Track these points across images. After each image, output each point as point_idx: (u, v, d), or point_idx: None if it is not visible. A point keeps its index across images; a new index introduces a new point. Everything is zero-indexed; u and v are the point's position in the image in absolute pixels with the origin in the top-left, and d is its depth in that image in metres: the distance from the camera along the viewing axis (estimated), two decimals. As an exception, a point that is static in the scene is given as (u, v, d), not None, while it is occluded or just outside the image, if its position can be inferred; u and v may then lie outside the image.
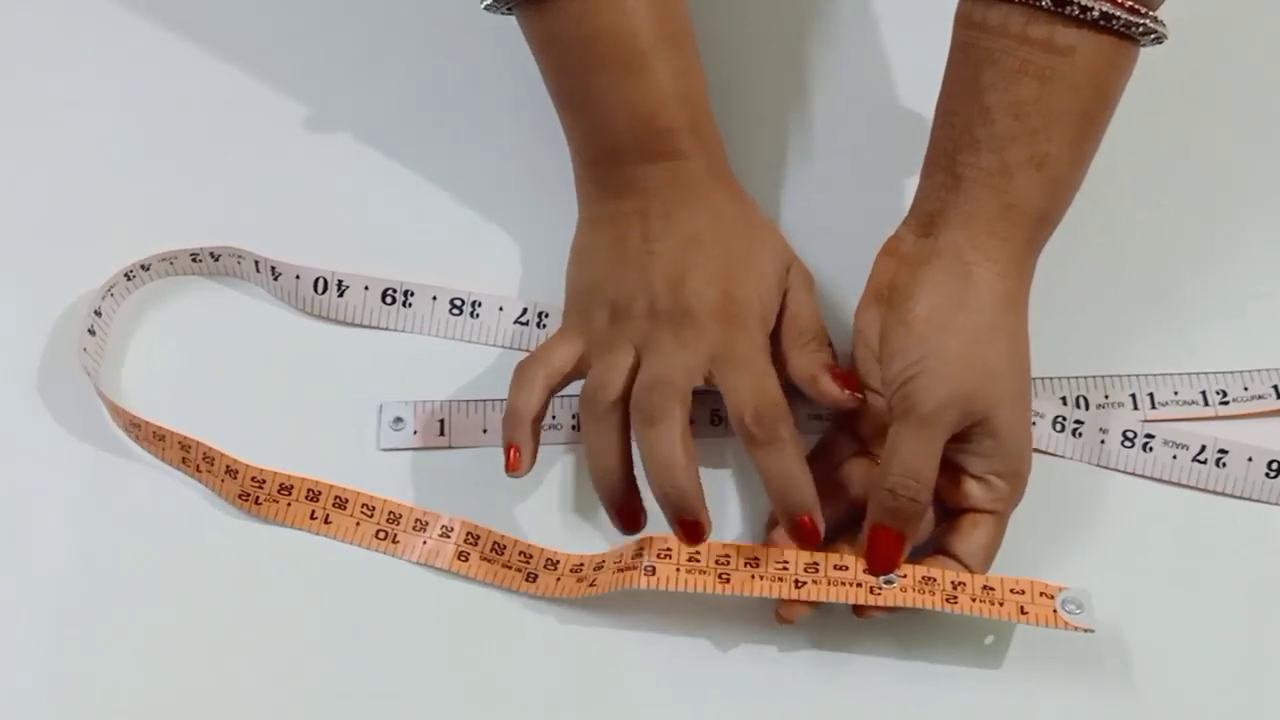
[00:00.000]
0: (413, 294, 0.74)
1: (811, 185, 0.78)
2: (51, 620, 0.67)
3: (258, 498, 0.69)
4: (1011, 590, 0.64)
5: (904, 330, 0.64)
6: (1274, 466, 0.70)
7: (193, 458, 0.69)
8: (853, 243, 0.70)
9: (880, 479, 0.64)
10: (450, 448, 0.71)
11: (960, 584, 0.64)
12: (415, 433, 0.71)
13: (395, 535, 0.68)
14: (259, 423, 0.72)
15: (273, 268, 0.74)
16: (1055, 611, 0.63)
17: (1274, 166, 0.80)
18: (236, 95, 0.81)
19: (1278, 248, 0.77)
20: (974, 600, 0.63)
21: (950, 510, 0.66)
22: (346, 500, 0.69)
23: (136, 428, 0.70)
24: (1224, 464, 0.70)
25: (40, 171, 0.79)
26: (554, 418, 0.72)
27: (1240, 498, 0.70)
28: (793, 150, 0.80)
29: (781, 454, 0.64)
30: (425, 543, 0.68)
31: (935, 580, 0.64)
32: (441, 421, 0.72)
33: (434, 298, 0.74)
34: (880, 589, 0.64)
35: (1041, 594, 0.64)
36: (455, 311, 0.74)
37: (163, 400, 0.71)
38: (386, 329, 0.74)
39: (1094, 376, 0.73)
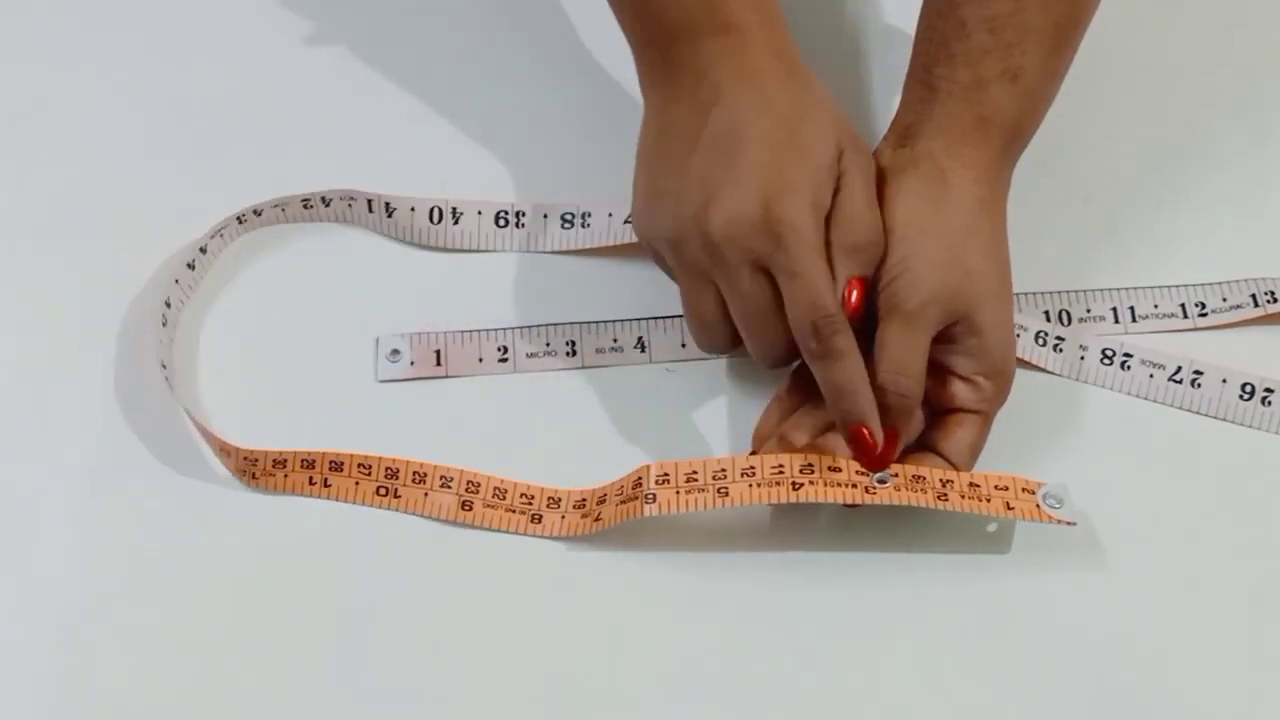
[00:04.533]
0: (524, 215, 0.76)
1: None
2: (51, 621, 0.66)
3: (254, 473, 0.69)
4: (996, 486, 0.66)
5: (885, 234, 0.66)
6: (1247, 389, 0.71)
7: (197, 429, 0.69)
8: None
9: (870, 377, 0.65)
10: (447, 377, 0.72)
11: (949, 481, 0.65)
12: (412, 363, 0.73)
13: (396, 490, 0.69)
14: (266, 363, 0.73)
15: (387, 204, 0.75)
16: (1039, 506, 0.65)
17: (1248, 79, 0.81)
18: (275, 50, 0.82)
19: (1252, 160, 0.78)
20: (963, 497, 0.65)
21: (938, 411, 0.67)
22: (341, 463, 0.69)
23: (164, 366, 0.71)
24: (1199, 385, 0.71)
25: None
26: (548, 344, 0.73)
27: (1214, 417, 0.71)
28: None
29: (835, 365, 0.64)
30: (426, 495, 0.69)
31: (925, 479, 0.65)
32: (438, 352, 0.73)
33: (544, 215, 0.76)
34: (874, 488, 0.65)
35: (1024, 490, 0.66)
36: (567, 225, 0.75)
37: (200, 334, 0.73)
38: (501, 251, 0.75)
39: (1076, 291, 0.74)
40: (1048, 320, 0.73)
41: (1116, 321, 0.73)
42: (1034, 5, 0.66)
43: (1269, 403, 0.71)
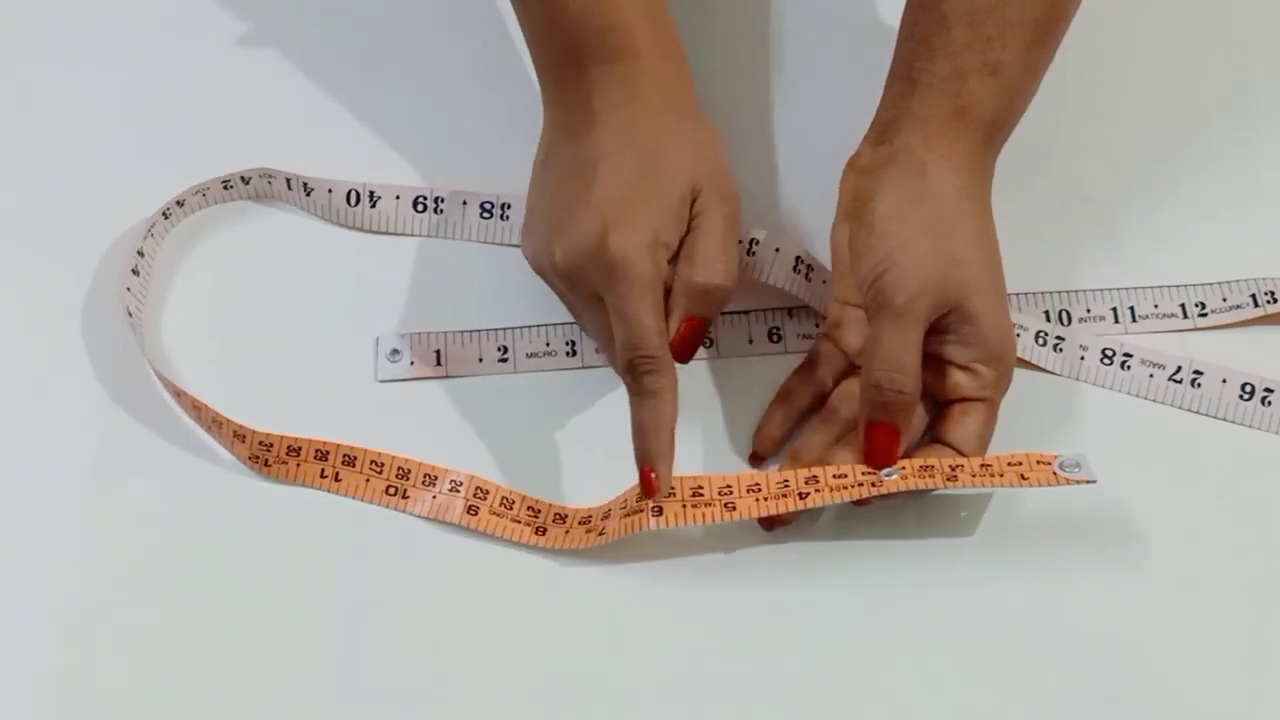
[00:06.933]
0: (443, 200, 0.76)
1: (783, 108, 0.80)
2: (52, 620, 0.66)
3: (266, 460, 0.69)
4: (1009, 463, 0.65)
5: (867, 232, 0.66)
6: (1247, 389, 0.71)
7: (203, 419, 0.70)
8: (826, 167, 0.70)
9: (866, 376, 0.65)
10: (447, 377, 0.73)
11: (958, 466, 0.65)
12: (412, 364, 0.73)
13: (405, 490, 0.69)
14: (266, 363, 0.73)
15: (304, 184, 0.76)
16: (1055, 473, 0.65)
17: (1247, 79, 0.81)
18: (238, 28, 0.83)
19: (1252, 160, 0.78)
20: (974, 476, 0.64)
21: (942, 403, 0.67)
22: (355, 458, 0.69)
23: (160, 379, 0.71)
24: (1199, 385, 0.71)
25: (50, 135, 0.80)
26: (548, 344, 0.73)
27: (1214, 417, 0.71)
28: (762, 74, 0.81)
29: (643, 404, 0.65)
30: (435, 497, 0.69)
31: (933, 466, 0.65)
32: (437, 352, 0.73)
33: (464, 203, 0.76)
34: (882, 481, 0.65)
35: (1039, 462, 0.65)
36: (486, 215, 0.76)
37: (198, 335, 0.74)
38: (418, 235, 0.76)
39: (1076, 291, 0.74)
40: (1048, 320, 0.73)
41: (1116, 321, 0.73)
42: (1015, 1, 0.66)
43: (1269, 403, 0.71)
